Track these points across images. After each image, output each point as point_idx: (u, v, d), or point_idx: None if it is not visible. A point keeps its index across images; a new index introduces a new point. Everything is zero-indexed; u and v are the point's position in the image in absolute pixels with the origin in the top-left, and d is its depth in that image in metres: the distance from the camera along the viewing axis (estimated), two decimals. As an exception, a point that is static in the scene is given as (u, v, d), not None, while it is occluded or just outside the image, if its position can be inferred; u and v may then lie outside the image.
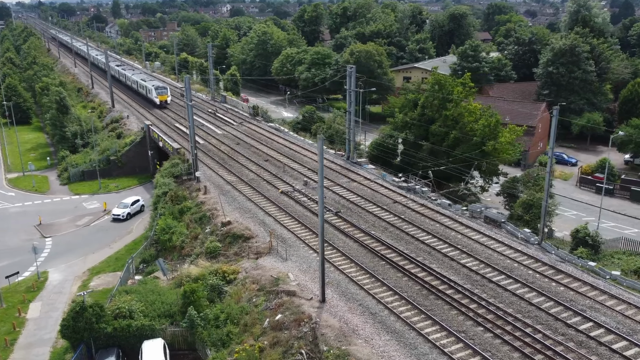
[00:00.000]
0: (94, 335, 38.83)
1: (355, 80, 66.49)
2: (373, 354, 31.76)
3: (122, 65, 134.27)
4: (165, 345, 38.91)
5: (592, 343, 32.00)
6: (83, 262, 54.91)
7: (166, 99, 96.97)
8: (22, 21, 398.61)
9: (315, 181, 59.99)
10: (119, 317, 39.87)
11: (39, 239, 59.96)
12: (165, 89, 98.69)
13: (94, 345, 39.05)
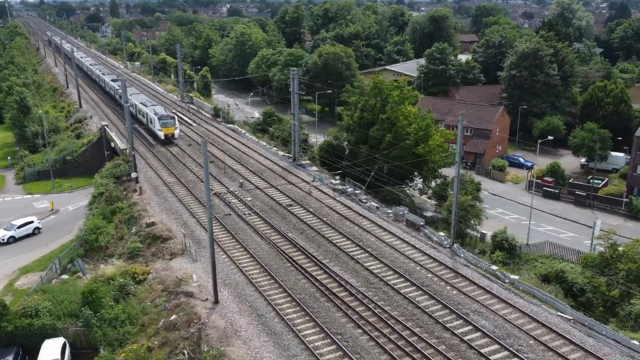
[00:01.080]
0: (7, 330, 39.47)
1: (298, 83, 67.05)
2: (247, 355, 32.26)
3: (98, 65, 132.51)
4: (66, 344, 39.44)
5: (463, 346, 32.36)
6: (15, 261, 55.58)
7: (173, 132, 73.79)
8: (21, 20, 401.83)
9: (252, 183, 60.59)
10: (24, 316, 40.47)
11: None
12: (173, 119, 75.19)
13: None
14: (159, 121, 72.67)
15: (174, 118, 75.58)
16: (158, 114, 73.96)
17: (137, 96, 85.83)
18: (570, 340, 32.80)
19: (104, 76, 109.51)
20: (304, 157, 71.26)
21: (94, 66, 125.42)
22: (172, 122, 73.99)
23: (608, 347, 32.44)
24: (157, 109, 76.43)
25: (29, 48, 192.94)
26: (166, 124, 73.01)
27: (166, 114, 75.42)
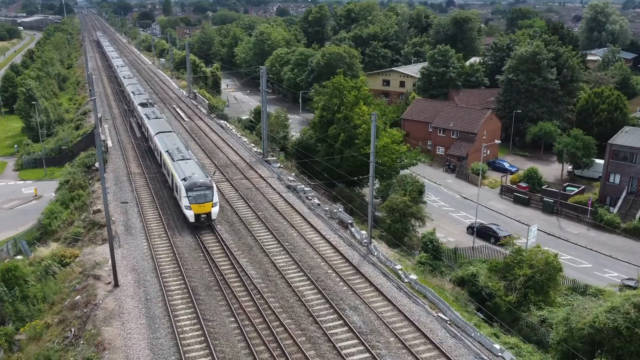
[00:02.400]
0: None
1: (266, 81, 68.61)
2: (118, 336, 34.00)
3: (124, 67, 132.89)
4: (-15, 317, 42.31)
5: (322, 339, 33.05)
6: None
7: (209, 211, 47.18)
8: (80, 16, 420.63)
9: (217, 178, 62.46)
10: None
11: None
12: (210, 189, 47.52)
13: None
14: (187, 193, 46.19)
15: (211, 188, 47.07)
16: (188, 179, 47.13)
17: (163, 133, 63.09)
18: (430, 339, 32.93)
19: (123, 79, 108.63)
20: (274, 154, 72.75)
21: (119, 68, 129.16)
22: (208, 194, 46.61)
23: (466, 349, 32.42)
24: (190, 168, 49.74)
25: (71, 43, 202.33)
26: (198, 197, 46.35)
27: (202, 180, 47.21)
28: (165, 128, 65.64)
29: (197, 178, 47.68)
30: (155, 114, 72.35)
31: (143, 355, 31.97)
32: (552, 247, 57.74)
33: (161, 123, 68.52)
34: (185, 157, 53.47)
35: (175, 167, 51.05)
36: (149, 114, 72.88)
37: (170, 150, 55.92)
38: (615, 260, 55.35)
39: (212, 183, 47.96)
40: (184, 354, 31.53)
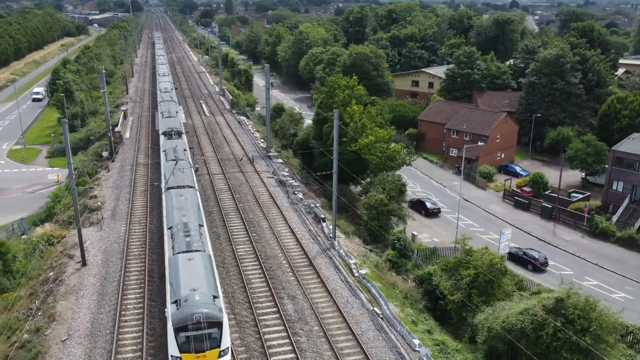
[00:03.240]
0: None
1: (269, 79, 70.67)
2: (68, 309, 36.82)
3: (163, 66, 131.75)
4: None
5: (249, 324, 34.68)
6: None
7: None
8: (146, 15, 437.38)
9: (208, 169, 65.12)
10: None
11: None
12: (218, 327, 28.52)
13: None
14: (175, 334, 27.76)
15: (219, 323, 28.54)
16: (180, 301, 28.61)
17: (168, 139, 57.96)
18: (352, 330, 33.90)
19: None
20: (280, 150, 74.76)
21: (158, 65, 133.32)
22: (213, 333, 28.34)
23: (384, 342, 33.23)
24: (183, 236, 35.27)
25: (128, 40, 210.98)
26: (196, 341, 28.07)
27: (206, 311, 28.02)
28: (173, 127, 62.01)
29: (197, 302, 28.21)
30: (170, 112, 72.62)
31: (82, 328, 34.57)
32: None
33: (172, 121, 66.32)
34: (180, 185, 43.80)
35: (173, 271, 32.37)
36: (164, 111, 74.53)
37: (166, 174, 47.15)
38: (600, 269, 53.95)
39: (221, 314, 28.40)
40: (117, 329, 33.90)
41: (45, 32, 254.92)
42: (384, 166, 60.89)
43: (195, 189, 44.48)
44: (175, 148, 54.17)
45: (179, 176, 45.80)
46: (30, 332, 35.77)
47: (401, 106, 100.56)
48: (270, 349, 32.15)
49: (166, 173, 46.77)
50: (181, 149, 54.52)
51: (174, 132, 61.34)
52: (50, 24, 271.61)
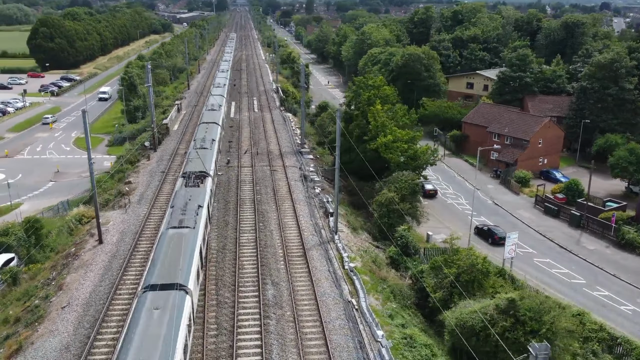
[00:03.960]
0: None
1: (304, 78, 72.94)
2: (74, 280, 40.77)
3: None
4: (14, 258, 51.65)
5: (227, 305, 37.09)
6: (50, 201, 70.48)
7: None
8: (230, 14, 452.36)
9: (241, 162, 68.28)
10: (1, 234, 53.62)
11: (39, 182, 77.71)
12: None
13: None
14: None
15: None
16: None
17: None
18: (320, 318, 35.45)
19: None
20: (315, 146, 77.01)
21: (221, 62, 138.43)
22: None
23: (349, 330, 34.57)
24: None
25: (205, 37, 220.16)
26: None
27: None
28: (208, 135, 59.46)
29: None
30: (213, 106, 75.93)
31: (81, 297, 38.25)
32: (555, 259, 55.98)
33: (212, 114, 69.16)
34: (194, 172, 45.55)
35: None
36: (209, 105, 78.24)
37: None
38: (616, 280, 52.22)
39: None
40: (110, 301, 37.27)
41: (132, 29, 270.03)
42: (405, 165, 61.67)
43: (209, 175, 46.90)
44: (204, 138, 57.60)
45: (196, 163, 49.00)
46: (41, 298, 39.98)
47: (449, 108, 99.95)
48: (239, 329, 34.39)
49: (186, 160, 50.59)
50: (210, 139, 57.77)
51: (209, 124, 65.11)
52: (138, 22, 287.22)
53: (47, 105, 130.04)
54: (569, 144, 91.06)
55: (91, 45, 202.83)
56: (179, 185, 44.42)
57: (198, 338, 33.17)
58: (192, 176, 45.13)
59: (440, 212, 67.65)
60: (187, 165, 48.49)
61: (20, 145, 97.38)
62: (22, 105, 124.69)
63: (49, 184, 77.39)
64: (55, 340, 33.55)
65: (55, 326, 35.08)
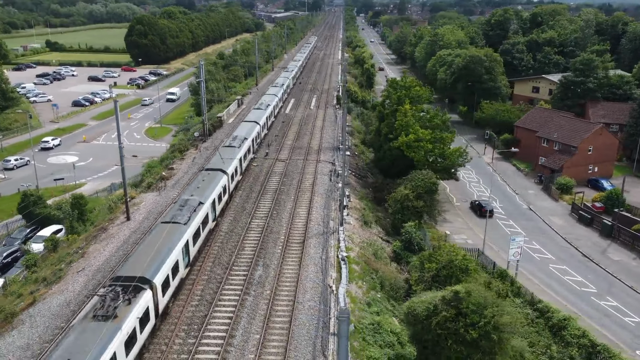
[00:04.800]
0: (35, 212, 60.22)
1: (345, 77, 75.27)
2: (95, 250, 46.00)
3: None
4: (63, 229, 58.29)
5: (215, 281, 40.64)
6: (109, 182, 77.59)
7: None
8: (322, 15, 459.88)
9: (278, 155, 71.94)
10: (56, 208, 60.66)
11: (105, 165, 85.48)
12: None
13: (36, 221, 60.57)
14: None
15: None
16: None
17: None
18: (295, 298, 38.15)
19: None
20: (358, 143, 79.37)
21: (292, 61, 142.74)
22: None
23: (316, 311, 36.95)
24: None
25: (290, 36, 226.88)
26: None
27: None
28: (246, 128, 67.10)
29: None
30: (262, 104, 79.93)
31: (96, 264, 43.24)
32: (572, 266, 55.04)
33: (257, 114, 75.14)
34: (213, 168, 51.45)
35: None
36: (260, 103, 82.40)
37: None
38: (630, 292, 50.62)
39: None
40: (119, 267, 41.91)
41: (225, 28, 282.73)
42: (431, 165, 62.70)
43: (225, 172, 51.05)
44: (236, 136, 62.14)
45: (217, 160, 53.38)
46: (66, 263, 45.49)
47: (506, 111, 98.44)
48: (218, 302, 37.81)
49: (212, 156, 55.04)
50: (242, 137, 62.17)
51: (250, 122, 69.54)
52: (231, 21, 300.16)
53: (131, 97, 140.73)
54: (629, 152, 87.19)
55: (182, 42, 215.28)
56: (195, 180, 48.97)
57: (180, 306, 36.97)
58: (209, 171, 50.20)
59: (469, 213, 67.84)
60: (209, 163, 53.29)
61: (98, 132, 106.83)
62: (108, 96, 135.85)
63: (112, 168, 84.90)
64: (62, 297, 38.55)
65: (66, 286, 40.16)
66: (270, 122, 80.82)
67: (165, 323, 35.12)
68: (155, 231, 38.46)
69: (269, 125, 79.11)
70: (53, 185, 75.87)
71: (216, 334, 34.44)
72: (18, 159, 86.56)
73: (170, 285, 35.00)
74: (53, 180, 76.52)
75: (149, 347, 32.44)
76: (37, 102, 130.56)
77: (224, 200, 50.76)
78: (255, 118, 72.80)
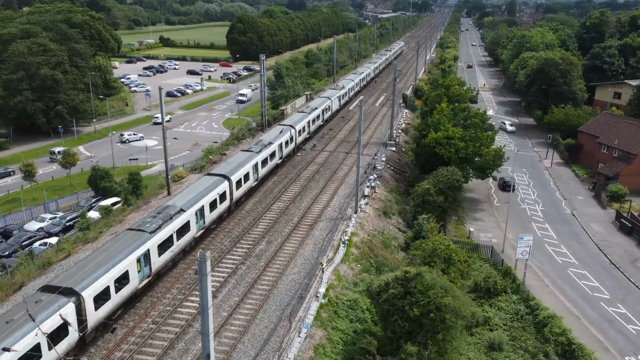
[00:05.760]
0: (100, 185, 68.35)
1: (396, 76, 77.52)
2: (135, 218, 52.23)
3: None
4: (120, 202, 65.81)
5: (218, 254, 45.23)
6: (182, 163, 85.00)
7: None
8: (429, 16, 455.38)
9: (325, 146, 75.65)
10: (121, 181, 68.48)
11: (179, 149, 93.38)
12: None
13: (102, 193, 68.64)
14: None
15: None
16: None
17: None
18: (282, 272, 41.85)
19: None
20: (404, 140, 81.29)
21: (368, 63, 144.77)
22: None
23: (296, 285, 40.45)
24: None
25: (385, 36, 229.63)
26: None
27: None
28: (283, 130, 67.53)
29: None
30: (306, 107, 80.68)
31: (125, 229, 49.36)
32: (594, 272, 54.05)
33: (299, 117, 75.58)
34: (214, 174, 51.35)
35: None
36: (309, 105, 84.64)
37: None
38: (645, 301, 49.19)
39: None
40: (143, 234, 47.63)
41: (326, 27, 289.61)
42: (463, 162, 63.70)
43: (228, 178, 50.25)
44: (261, 140, 64.51)
45: (223, 166, 54.88)
46: (107, 226, 52.17)
47: (576, 116, 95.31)
48: (216, 267, 42.34)
49: None
50: (266, 142, 62.61)
51: (285, 126, 71.42)
52: (333, 21, 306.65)
53: (220, 89, 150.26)
54: None
55: (280, 41, 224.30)
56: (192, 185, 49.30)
57: (181, 269, 41.95)
58: (211, 176, 50.37)
59: (504, 214, 67.62)
60: (217, 168, 54.21)
61: (182, 121, 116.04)
62: (199, 88, 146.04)
63: (184, 152, 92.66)
64: (85, 254, 44.83)
65: (96, 245, 46.49)
66: (317, 124, 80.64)
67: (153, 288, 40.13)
68: (117, 238, 38.02)
69: (311, 129, 77.34)
70: (128, 165, 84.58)
71: (203, 294, 38.94)
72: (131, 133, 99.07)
73: (110, 298, 33.56)
74: (128, 160, 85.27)
75: (141, 297, 37.46)
76: (137, 91, 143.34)
77: (222, 206, 48.73)
78: (292, 122, 73.82)
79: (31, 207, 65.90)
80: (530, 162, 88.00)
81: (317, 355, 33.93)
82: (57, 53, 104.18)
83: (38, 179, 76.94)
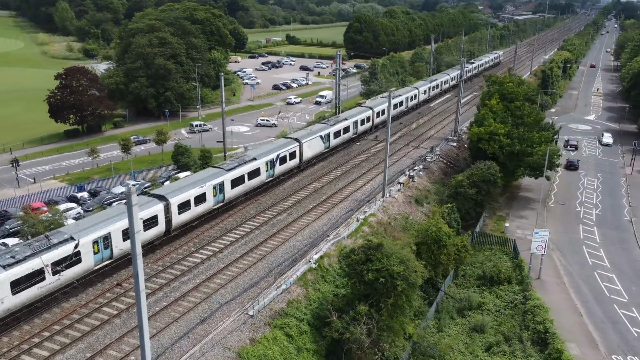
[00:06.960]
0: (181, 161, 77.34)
1: (463, 74, 78.55)
2: (186, 186, 59.80)
3: None
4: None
5: (232, 226, 51.05)
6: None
7: None
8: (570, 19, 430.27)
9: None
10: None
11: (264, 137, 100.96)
12: None
13: (181, 167, 77.57)
14: None
15: None
16: None
17: None
18: (286, 238, 46.66)
19: None
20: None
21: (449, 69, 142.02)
22: None
23: (301, 252, 45.01)
24: None
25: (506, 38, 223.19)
26: None
27: None
28: None
29: None
30: (341, 117, 76.41)
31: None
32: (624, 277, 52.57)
33: None
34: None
35: None
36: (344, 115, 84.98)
37: None
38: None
39: None
40: (185, 198, 54.84)
41: (451, 28, 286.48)
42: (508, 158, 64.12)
43: (299, 140, 60.49)
44: (337, 117, 70.30)
45: (298, 132, 63.09)
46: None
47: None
48: (234, 229, 48.24)
49: None
50: (342, 118, 70.29)
51: (364, 107, 76.66)
52: (459, 22, 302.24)
53: (325, 84, 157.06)
54: None
55: (397, 40, 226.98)
56: None
57: (203, 228, 48.32)
58: (287, 139, 59.87)
59: (555, 215, 66.71)
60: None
61: (278, 111, 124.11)
62: (304, 82, 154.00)
63: (270, 138, 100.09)
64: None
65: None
66: (400, 110, 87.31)
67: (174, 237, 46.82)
68: (202, 172, 52.05)
69: (391, 113, 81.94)
70: (215, 147, 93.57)
71: (213, 248, 44.99)
72: (200, 124, 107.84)
73: (190, 209, 45.42)
74: (216, 142, 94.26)
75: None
76: (248, 84, 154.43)
77: (292, 163, 59.02)
78: (372, 105, 79.32)
79: (120, 174, 76.17)
80: (610, 167, 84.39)
81: (288, 308, 38.41)
82: (175, 46, 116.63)
83: (138, 153, 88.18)
